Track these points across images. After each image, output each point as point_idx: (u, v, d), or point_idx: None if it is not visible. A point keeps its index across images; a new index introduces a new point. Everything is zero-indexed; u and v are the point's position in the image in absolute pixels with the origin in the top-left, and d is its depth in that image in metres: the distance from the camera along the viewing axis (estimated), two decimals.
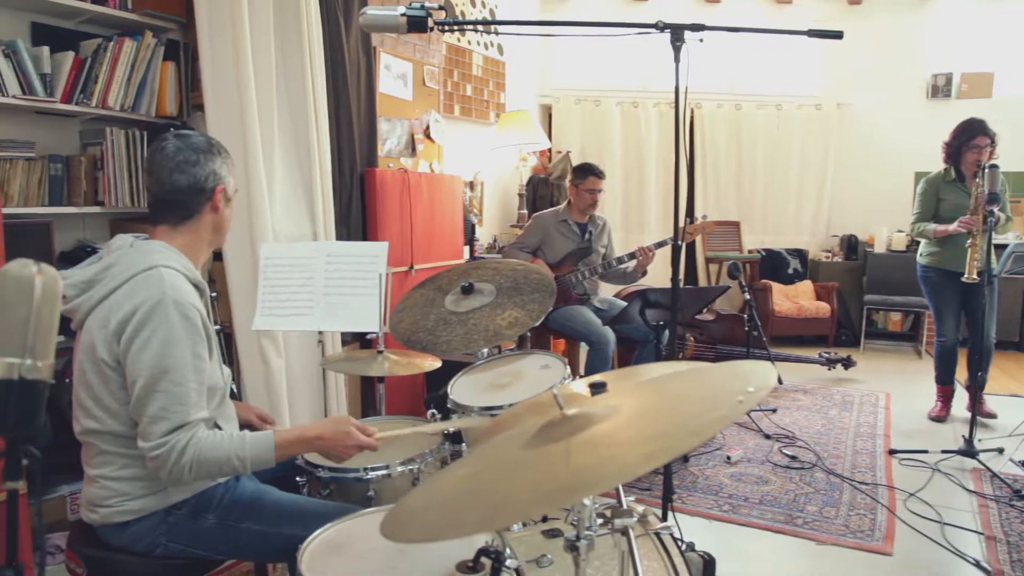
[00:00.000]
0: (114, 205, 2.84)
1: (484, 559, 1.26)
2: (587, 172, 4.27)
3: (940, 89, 6.63)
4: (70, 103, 2.70)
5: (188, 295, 1.59)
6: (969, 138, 3.95)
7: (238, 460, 1.57)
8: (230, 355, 3.05)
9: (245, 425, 1.97)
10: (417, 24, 2.01)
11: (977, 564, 2.66)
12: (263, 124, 2.99)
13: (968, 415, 3.63)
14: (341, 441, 1.70)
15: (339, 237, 3.53)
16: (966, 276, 3.64)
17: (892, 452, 3.77)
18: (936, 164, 6.73)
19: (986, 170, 3.53)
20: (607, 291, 4.69)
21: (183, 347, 1.54)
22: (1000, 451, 3.72)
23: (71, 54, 2.70)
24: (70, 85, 2.70)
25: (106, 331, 1.54)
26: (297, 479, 1.92)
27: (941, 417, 4.32)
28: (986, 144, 3.92)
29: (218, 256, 3.02)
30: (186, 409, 1.53)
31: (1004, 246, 4.17)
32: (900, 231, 6.65)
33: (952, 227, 3.89)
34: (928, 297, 4.25)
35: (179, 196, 1.68)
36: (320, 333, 2.92)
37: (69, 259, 2.77)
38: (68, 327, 1.67)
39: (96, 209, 2.83)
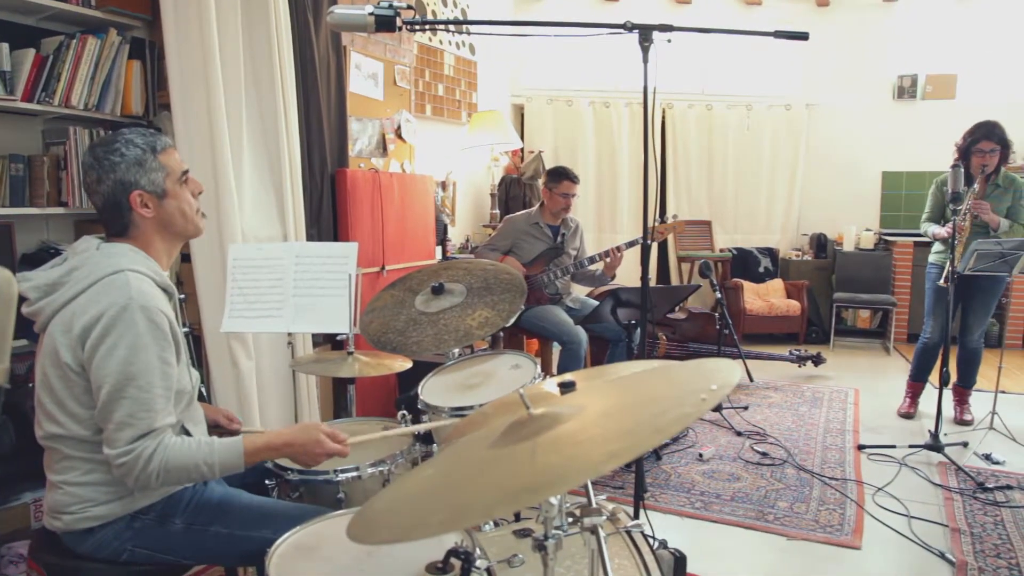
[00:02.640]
0: (78, 206, 2.79)
1: (454, 560, 1.26)
2: (561, 176, 4.27)
3: (906, 90, 6.74)
4: (31, 102, 2.65)
5: (155, 299, 1.56)
6: (974, 141, 3.89)
7: (206, 467, 1.55)
8: (199, 357, 3.02)
9: (213, 425, 1.96)
10: (385, 23, 2.00)
11: (942, 556, 2.71)
12: (231, 124, 2.95)
13: (949, 412, 3.62)
14: (310, 449, 1.69)
15: (309, 238, 3.50)
16: (941, 281, 3.67)
17: (861, 447, 3.83)
18: (902, 164, 6.88)
19: (950, 169, 3.57)
20: (579, 290, 4.71)
21: (150, 353, 1.51)
22: (965, 445, 3.79)
23: (32, 51, 2.65)
24: (31, 83, 2.64)
25: (70, 335, 1.51)
26: (266, 482, 1.90)
27: (909, 414, 4.38)
28: (991, 148, 3.85)
29: (186, 257, 2.99)
30: (152, 415, 1.51)
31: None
32: (868, 230, 6.76)
33: (943, 232, 3.92)
34: (927, 293, 4.24)
35: (104, 215, 1.65)
36: (290, 335, 2.90)
37: (32, 261, 2.72)
38: (30, 331, 1.65)
39: (60, 210, 2.78)
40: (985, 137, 3.87)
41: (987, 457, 3.64)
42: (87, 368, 1.52)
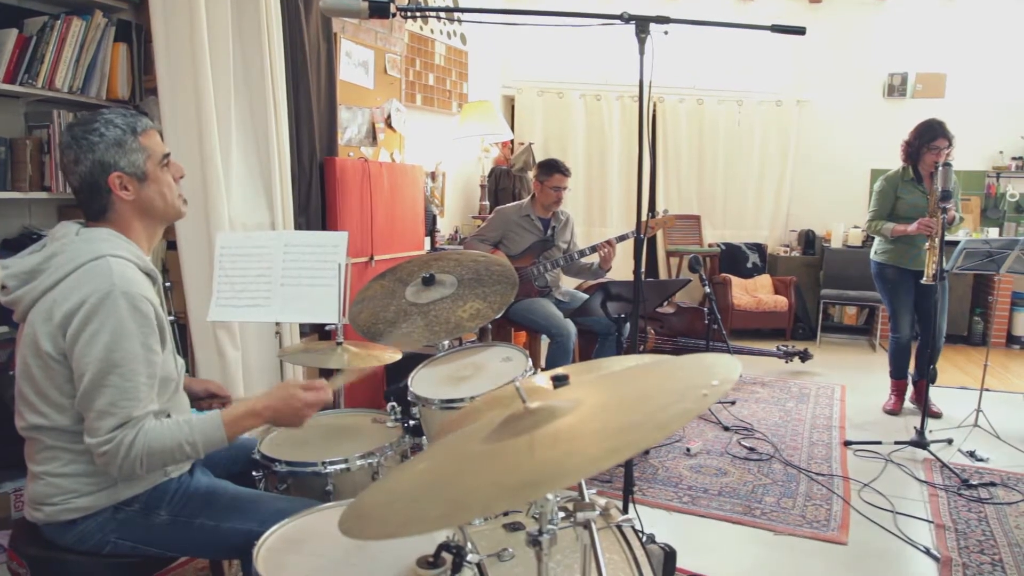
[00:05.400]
0: (61, 191, 2.73)
1: (445, 554, 1.24)
2: (553, 169, 4.24)
3: (896, 88, 6.77)
4: (14, 83, 2.59)
5: (139, 285, 1.52)
6: (930, 140, 3.98)
7: (189, 446, 1.52)
8: (185, 347, 2.98)
9: (206, 396, 1.94)
10: (379, 10, 1.97)
11: (927, 552, 2.72)
12: (220, 110, 2.91)
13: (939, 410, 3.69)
14: (291, 405, 1.65)
15: (297, 227, 3.46)
16: (925, 279, 3.71)
17: (847, 443, 3.84)
18: (891, 162, 6.89)
19: (939, 168, 3.59)
20: (569, 284, 4.69)
21: (133, 340, 1.48)
22: (949, 442, 3.82)
23: (14, 32, 2.58)
24: (13, 64, 2.58)
25: (51, 324, 1.47)
26: (254, 473, 1.88)
27: (895, 411, 4.41)
28: (945, 146, 3.96)
29: (172, 245, 2.94)
30: (134, 404, 1.47)
31: (955, 243, 4.27)
32: (856, 227, 6.79)
33: (911, 228, 3.94)
34: (883, 294, 4.32)
35: (81, 196, 1.61)
36: (277, 324, 2.86)
37: (13, 246, 2.66)
38: (11, 318, 1.61)
39: (42, 195, 2.72)
40: (941, 135, 3.97)
41: (971, 454, 3.66)
42: (68, 356, 1.48)
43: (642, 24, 2.11)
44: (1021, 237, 3.77)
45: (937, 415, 4.25)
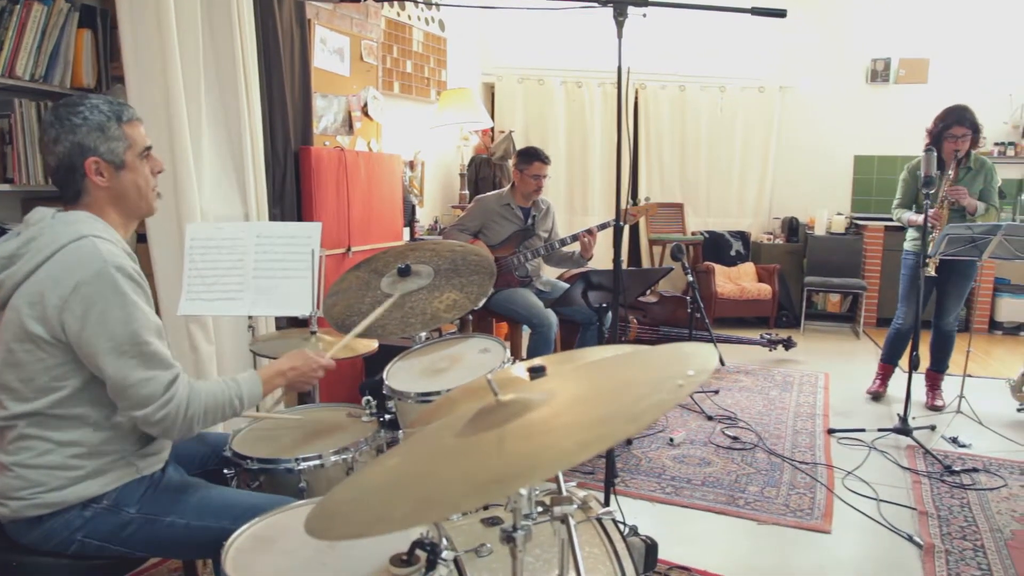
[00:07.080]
0: (25, 183, 2.65)
1: (419, 551, 1.20)
2: (532, 157, 4.20)
3: (879, 74, 6.76)
4: None
5: (125, 259, 1.53)
6: (947, 127, 3.89)
7: (238, 401, 1.64)
8: None
9: None
10: None
11: (910, 539, 2.72)
12: (189, 98, 2.83)
13: (920, 397, 3.63)
14: (308, 365, 1.83)
15: (272, 218, 3.39)
16: (929, 271, 3.67)
17: (831, 431, 3.84)
18: (874, 148, 6.91)
19: (923, 154, 3.55)
20: (550, 273, 4.66)
21: (140, 309, 1.50)
22: (932, 428, 3.82)
23: None
24: None
25: (41, 307, 1.46)
26: (225, 471, 1.83)
27: (879, 393, 4.41)
28: (963, 134, 3.86)
29: (142, 238, 2.87)
30: (168, 362, 1.53)
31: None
32: (840, 214, 6.80)
33: (919, 218, 3.90)
34: (902, 279, 4.24)
35: (56, 177, 1.60)
36: (251, 318, 2.80)
37: None
38: None
39: (5, 187, 2.64)
40: (957, 122, 3.88)
41: (954, 440, 3.66)
42: (75, 343, 1.47)
43: (620, 7, 2.08)
44: (1003, 223, 3.74)
45: (937, 408, 4.19)
